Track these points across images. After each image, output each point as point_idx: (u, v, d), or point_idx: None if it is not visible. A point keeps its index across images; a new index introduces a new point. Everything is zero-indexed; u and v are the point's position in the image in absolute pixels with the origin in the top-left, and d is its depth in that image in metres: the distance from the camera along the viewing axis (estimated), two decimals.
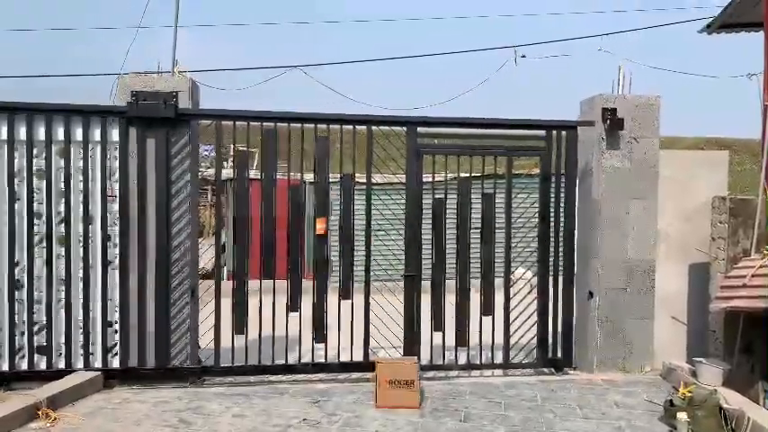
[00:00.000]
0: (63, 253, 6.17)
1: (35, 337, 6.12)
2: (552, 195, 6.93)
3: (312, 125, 6.56)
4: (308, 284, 6.58)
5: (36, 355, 6.12)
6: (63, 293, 6.17)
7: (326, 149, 6.60)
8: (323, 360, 6.60)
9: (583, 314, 7.11)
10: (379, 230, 7.22)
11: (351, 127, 6.69)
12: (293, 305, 6.56)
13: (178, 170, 6.32)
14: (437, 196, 6.81)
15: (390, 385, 5.65)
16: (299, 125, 6.54)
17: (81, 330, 6.19)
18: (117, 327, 6.27)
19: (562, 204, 6.94)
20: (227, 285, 6.58)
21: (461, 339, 6.83)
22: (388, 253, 8.41)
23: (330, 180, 6.64)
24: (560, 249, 6.94)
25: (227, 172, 10.31)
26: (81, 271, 6.19)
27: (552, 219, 6.92)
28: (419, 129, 6.71)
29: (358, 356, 6.64)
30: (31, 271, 6.09)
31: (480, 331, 6.87)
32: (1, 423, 4.80)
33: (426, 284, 6.77)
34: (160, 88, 6.28)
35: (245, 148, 6.69)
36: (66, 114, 6.14)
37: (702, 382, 5.78)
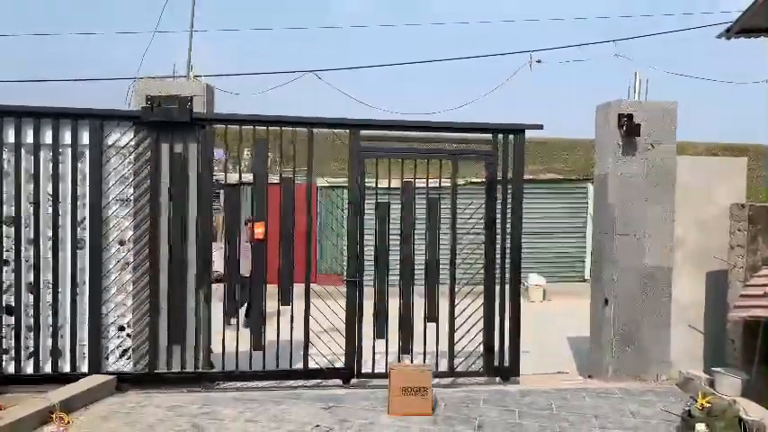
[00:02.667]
0: (75, 257, 6.19)
1: (48, 341, 6.15)
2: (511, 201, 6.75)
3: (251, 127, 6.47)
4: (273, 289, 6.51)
5: (42, 359, 6.16)
6: (78, 297, 6.19)
7: (265, 152, 6.51)
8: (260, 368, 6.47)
9: (598, 321, 7.03)
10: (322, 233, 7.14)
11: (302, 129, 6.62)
12: (229, 311, 6.61)
13: (192, 174, 6.33)
14: (380, 200, 6.63)
15: (403, 392, 5.61)
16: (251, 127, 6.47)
17: (91, 333, 6.21)
18: (129, 331, 6.28)
19: (509, 210, 6.77)
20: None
21: (405, 347, 6.67)
22: (340, 256, 8.35)
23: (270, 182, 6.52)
24: (507, 256, 6.77)
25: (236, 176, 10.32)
26: (93, 274, 6.21)
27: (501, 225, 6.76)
28: (361, 132, 6.61)
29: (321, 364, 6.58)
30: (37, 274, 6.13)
31: (425, 338, 6.65)
32: (14, 426, 4.81)
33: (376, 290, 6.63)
34: (175, 93, 6.29)
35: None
36: (75, 118, 6.16)
37: (720, 392, 5.69)
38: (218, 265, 7.73)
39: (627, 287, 6.81)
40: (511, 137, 6.74)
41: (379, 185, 6.59)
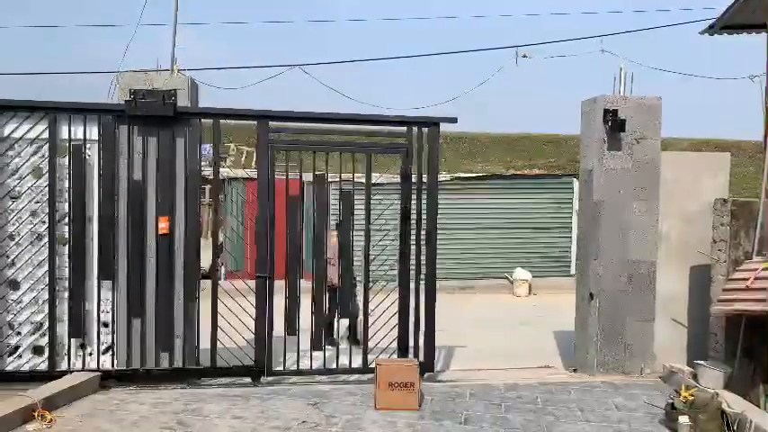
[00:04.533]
0: (63, 252, 6.12)
1: (29, 338, 6.08)
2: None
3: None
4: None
5: (24, 356, 6.09)
6: (58, 293, 6.12)
7: (173, 146, 6.22)
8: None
9: (583, 315, 7.08)
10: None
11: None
12: (135, 309, 6.24)
13: (178, 169, 6.26)
14: (293, 194, 6.49)
15: (390, 387, 5.61)
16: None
17: (73, 330, 6.14)
18: (112, 327, 6.20)
19: (424, 203, 6.62)
20: (224, 286, 6.54)
21: (317, 343, 6.54)
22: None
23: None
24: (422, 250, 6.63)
25: (225, 171, 10.27)
26: (79, 270, 6.13)
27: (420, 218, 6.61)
28: (271, 123, 6.42)
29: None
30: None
31: (338, 333, 6.60)
32: None
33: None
34: (159, 87, 6.22)
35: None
36: (64, 113, 6.08)
37: (703, 385, 5.75)
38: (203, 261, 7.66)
39: (612, 282, 6.86)
40: (425, 129, 6.59)
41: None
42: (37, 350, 6.15)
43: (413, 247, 6.62)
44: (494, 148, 18.32)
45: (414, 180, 6.62)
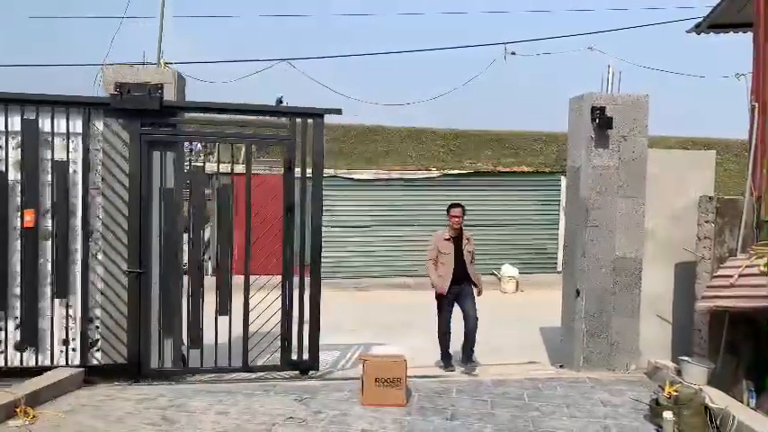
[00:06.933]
0: (46, 247, 6.05)
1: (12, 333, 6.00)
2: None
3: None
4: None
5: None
6: (41, 288, 6.05)
7: (37, 133, 5.95)
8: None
9: (569, 312, 7.12)
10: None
11: None
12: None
13: (164, 163, 6.20)
14: (168, 186, 6.22)
15: (377, 383, 5.60)
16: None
17: (57, 325, 6.07)
18: (98, 323, 6.15)
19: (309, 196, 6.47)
20: (209, 281, 6.50)
21: (195, 341, 6.32)
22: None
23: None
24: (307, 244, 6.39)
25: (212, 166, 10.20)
26: (63, 265, 6.06)
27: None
28: (144, 118, 6.08)
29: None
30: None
31: (216, 332, 6.26)
32: None
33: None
34: (145, 80, 6.15)
35: None
36: (48, 105, 5.99)
37: (687, 381, 5.80)
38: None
39: (598, 278, 6.90)
40: (310, 121, 6.44)
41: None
42: None
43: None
44: (482, 145, 18.35)
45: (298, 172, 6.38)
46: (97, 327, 6.16)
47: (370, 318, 9.96)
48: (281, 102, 6.02)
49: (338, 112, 6.60)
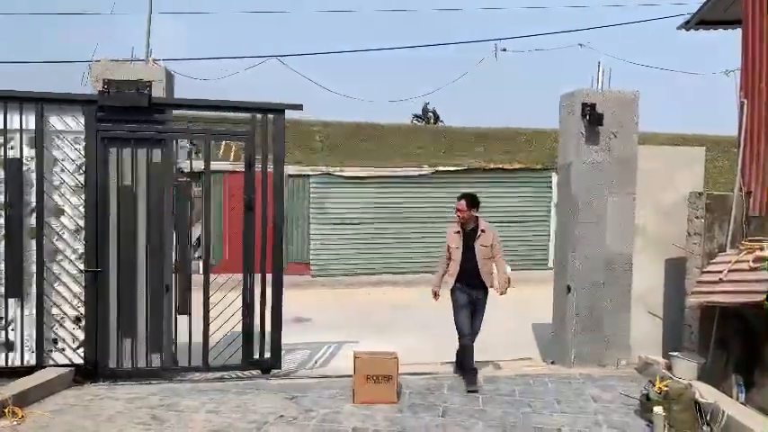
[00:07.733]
0: (32, 246, 5.99)
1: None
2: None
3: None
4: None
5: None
6: (27, 287, 5.99)
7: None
8: None
9: (561, 308, 7.13)
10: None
11: None
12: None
13: (152, 161, 6.15)
14: (125, 183, 6.12)
15: (368, 380, 5.59)
16: None
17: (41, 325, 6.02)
18: (83, 323, 6.09)
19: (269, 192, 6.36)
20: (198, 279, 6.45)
21: (154, 342, 6.20)
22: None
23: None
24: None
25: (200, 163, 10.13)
26: (49, 264, 6.01)
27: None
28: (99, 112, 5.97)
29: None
30: None
31: (176, 331, 6.26)
32: None
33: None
34: (133, 77, 6.10)
35: None
36: (36, 103, 5.92)
37: (677, 376, 5.83)
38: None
39: (589, 274, 6.91)
40: (270, 116, 6.36)
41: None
42: None
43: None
44: (474, 141, 18.33)
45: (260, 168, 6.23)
46: (53, 326, 6.07)
47: (362, 316, 9.94)
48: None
49: (299, 107, 6.51)
